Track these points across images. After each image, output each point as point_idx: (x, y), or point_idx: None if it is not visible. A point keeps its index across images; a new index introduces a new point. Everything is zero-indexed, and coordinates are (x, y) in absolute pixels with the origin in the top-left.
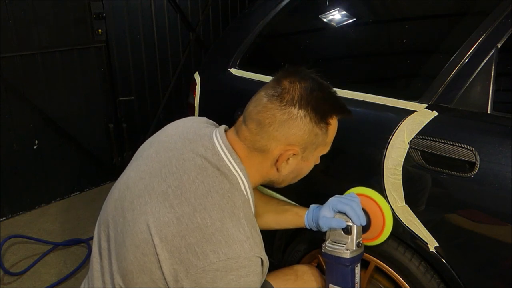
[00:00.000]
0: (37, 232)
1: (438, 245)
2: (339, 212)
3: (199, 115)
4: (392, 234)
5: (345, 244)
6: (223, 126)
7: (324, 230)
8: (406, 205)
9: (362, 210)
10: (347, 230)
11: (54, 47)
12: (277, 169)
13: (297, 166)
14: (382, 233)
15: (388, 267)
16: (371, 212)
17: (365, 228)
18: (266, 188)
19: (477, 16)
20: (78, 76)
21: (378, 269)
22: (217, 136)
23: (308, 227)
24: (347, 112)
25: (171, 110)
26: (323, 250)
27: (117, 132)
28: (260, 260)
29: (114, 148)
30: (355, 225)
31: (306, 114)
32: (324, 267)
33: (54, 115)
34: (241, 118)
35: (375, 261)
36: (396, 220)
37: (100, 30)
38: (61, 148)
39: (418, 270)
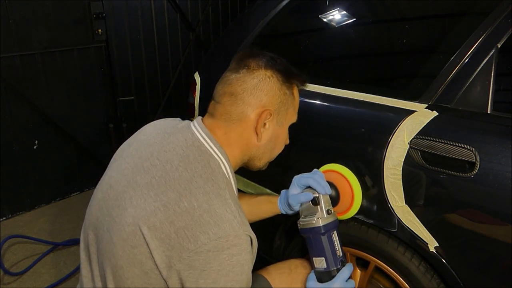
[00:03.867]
0: (37, 232)
1: (438, 245)
2: (306, 188)
3: (199, 115)
4: (392, 234)
5: (315, 214)
6: (199, 117)
7: (296, 208)
8: (406, 205)
9: (325, 181)
10: (315, 201)
11: (54, 47)
12: (257, 135)
13: (274, 132)
14: (352, 205)
15: (388, 267)
16: (339, 186)
17: (334, 202)
18: (260, 186)
19: (477, 16)
20: (78, 76)
21: (378, 269)
22: (195, 125)
23: (283, 212)
24: (303, 78)
25: (171, 110)
26: (299, 227)
27: (117, 132)
28: (249, 238)
29: (114, 148)
30: (321, 195)
31: (273, 74)
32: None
33: (54, 115)
34: (211, 104)
35: (375, 261)
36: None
37: (100, 30)
38: (61, 148)
39: (418, 270)
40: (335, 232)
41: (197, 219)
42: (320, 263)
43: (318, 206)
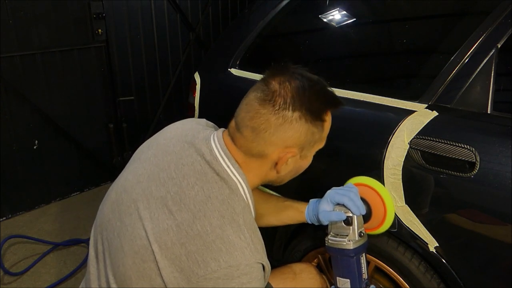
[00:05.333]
0: (37, 232)
1: (438, 245)
2: (338, 204)
3: (199, 115)
4: (392, 234)
5: (347, 235)
6: (221, 130)
7: (325, 224)
8: (406, 205)
9: (360, 200)
10: (348, 221)
11: (54, 47)
12: (277, 171)
13: (296, 164)
14: (384, 221)
15: (388, 267)
16: (371, 201)
17: (366, 218)
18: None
19: (477, 16)
20: (78, 76)
21: (378, 269)
22: (215, 140)
23: (309, 222)
24: (340, 103)
25: (171, 110)
26: (326, 244)
27: (117, 132)
28: (261, 266)
29: (114, 148)
30: (355, 216)
31: (301, 116)
32: (323, 267)
33: (54, 115)
34: (233, 124)
35: (375, 261)
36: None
37: (100, 30)
38: (61, 148)
39: (418, 270)
40: (363, 254)
41: (209, 244)
42: (344, 283)
43: (351, 227)
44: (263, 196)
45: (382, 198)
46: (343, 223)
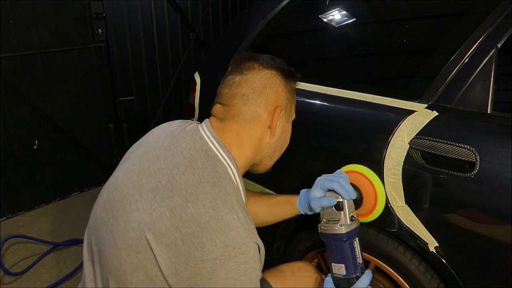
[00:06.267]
0: (37, 232)
1: (438, 245)
2: (329, 190)
3: (199, 115)
4: (392, 234)
5: (339, 220)
6: (207, 119)
7: (317, 211)
8: (406, 205)
9: (350, 185)
10: (339, 206)
11: (54, 47)
12: (271, 131)
13: (283, 128)
14: (375, 208)
15: (388, 267)
16: (362, 188)
17: (357, 204)
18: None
19: (477, 16)
20: (78, 76)
21: (378, 269)
22: (203, 128)
23: (302, 213)
24: (298, 76)
25: (171, 110)
26: (319, 231)
27: (117, 132)
28: (257, 246)
29: (114, 148)
30: (345, 200)
31: (277, 73)
32: (323, 267)
33: (54, 115)
34: (217, 106)
35: (375, 261)
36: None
37: (100, 30)
38: (61, 148)
39: (418, 270)
40: (356, 239)
41: (203, 225)
42: (339, 269)
43: (342, 212)
44: (255, 195)
45: (373, 185)
46: (334, 209)
